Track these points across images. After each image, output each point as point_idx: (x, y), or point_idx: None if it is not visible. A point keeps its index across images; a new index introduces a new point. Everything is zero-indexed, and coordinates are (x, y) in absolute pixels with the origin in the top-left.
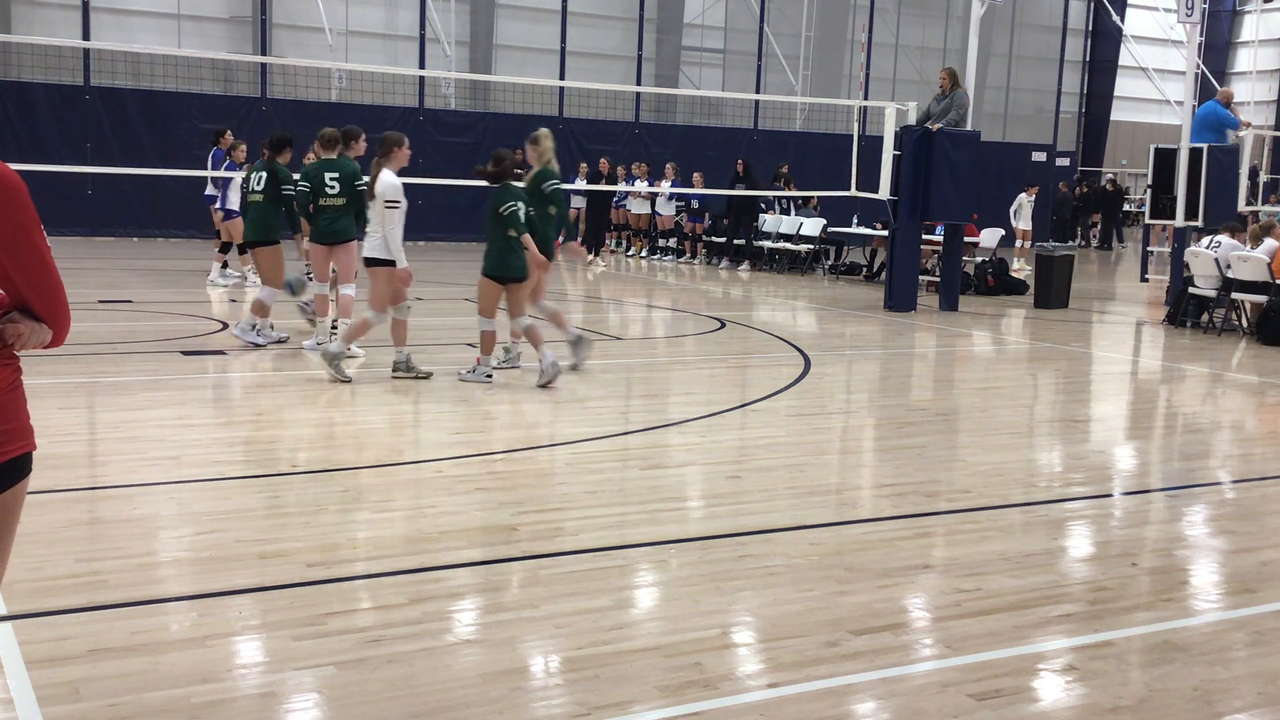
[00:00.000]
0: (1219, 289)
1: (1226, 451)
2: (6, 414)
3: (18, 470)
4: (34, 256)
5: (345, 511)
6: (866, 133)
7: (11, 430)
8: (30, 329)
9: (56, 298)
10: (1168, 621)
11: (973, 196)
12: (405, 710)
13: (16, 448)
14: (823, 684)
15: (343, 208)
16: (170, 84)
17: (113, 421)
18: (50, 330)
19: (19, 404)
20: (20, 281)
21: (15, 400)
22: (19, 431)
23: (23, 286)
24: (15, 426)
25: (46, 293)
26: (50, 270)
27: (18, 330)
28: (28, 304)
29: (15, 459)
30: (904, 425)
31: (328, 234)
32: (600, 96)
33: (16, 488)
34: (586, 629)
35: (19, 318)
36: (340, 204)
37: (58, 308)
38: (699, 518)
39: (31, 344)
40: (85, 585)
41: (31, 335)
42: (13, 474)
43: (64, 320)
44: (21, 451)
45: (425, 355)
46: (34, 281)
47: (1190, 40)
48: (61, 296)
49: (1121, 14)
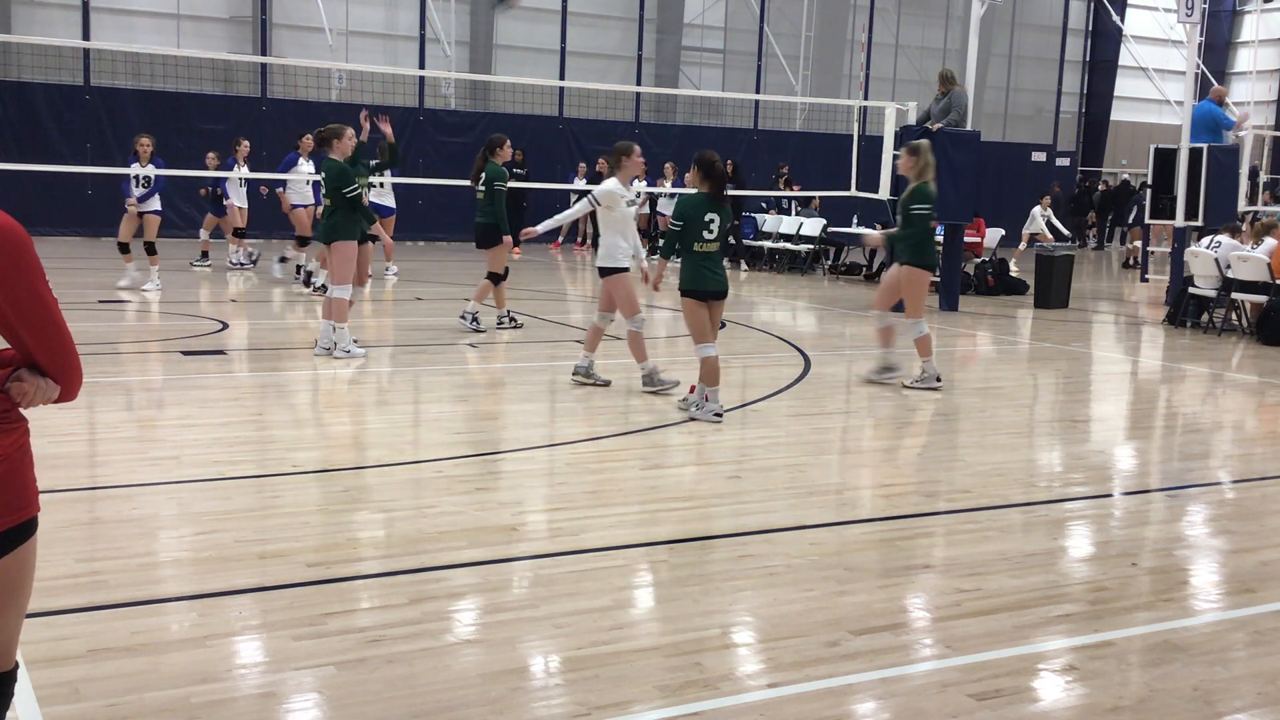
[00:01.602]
0: (1219, 289)
1: (1226, 451)
2: (10, 482)
3: (21, 534)
4: (39, 310)
5: (345, 511)
6: (866, 133)
7: (16, 499)
8: (35, 386)
9: (65, 352)
10: (1168, 621)
11: (973, 197)
12: (405, 710)
13: (23, 515)
14: (823, 684)
15: (330, 208)
16: (170, 84)
17: (113, 421)
18: (58, 386)
19: (25, 469)
20: (26, 336)
21: (21, 466)
22: (24, 499)
23: (29, 341)
24: (14, 497)
25: (54, 349)
26: (58, 324)
27: (23, 388)
28: (34, 359)
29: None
30: (904, 425)
31: (320, 233)
32: (600, 96)
33: (20, 551)
34: (586, 629)
35: (25, 375)
36: (326, 204)
37: (66, 362)
38: (699, 518)
39: (39, 401)
40: (85, 585)
41: (38, 393)
42: (16, 539)
43: (74, 375)
44: (25, 518)
45: (426, 355)
46: (40, 336)
47: (1190, 40)
48: (70, 351)
49: (1121, 14)
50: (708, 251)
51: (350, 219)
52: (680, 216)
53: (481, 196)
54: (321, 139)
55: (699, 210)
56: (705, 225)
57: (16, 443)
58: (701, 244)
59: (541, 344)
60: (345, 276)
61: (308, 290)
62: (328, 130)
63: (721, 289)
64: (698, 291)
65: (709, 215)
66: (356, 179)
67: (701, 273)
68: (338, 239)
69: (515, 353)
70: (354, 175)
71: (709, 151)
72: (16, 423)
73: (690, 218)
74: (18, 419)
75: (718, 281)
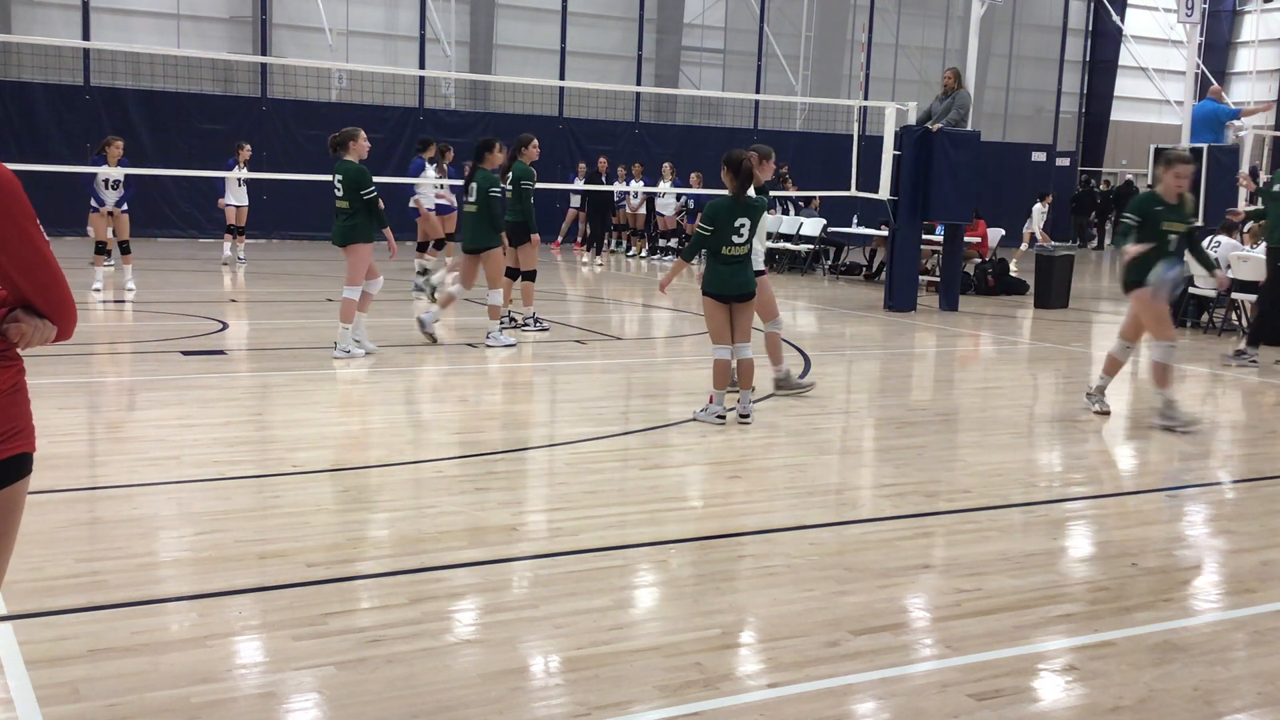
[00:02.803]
0: (1219, 289)
1: (1226, 451)
2: (7, 414)
3: (17, 469)
4: (31, 251)
5: (345, 511)
6: (866, 133)
7: (11, 430)
8: (33, 326)
9: (58, 292)
10: (1168, 621)
11: (973, 197)
12: (405, 710)
13: (14, 446)
14: (823, 684)
15: (348, 210)
16: (170, 84)
17: (113, 421)
18: (54, 326)
19: (21, 404)
20: (19, 278)
21: (17, 401)
22: (20, 432)
23: (22, 283)
24: (15, 426)
25: (47, 288)
26: (50, 264)
27: (20, 329)
28: (29, 300)
29: (14, 458)
30: (904, 425)
31: (335, 236)
32: (600, 96)
33: (15, 487)
34: (586, 629)
35: (22, 315)
36: (344, 206)
37: (60, 302)
38: (699, 518)
39: (36, 341)
40: (85, 585)
41: (35, 333)
42: (11, 473)
43: (69, 314)
44: (19, 451)
45: (426, 355)
46: (33, 277)
47: (1190, 40)
48: (64, 290)
49: (1121, 14)
50: (735, 255)
51: (368, 221)
52: (710, 221)
53: (510, 195)
54: (337, 142)
55: (729, 215)
56: (734, 230)
57: (12, 379)
58: (729, 248)
59: (541, 344)
60: (358, 278)
61: (423, 293)
62: (343, 134)
63: (742, 292)
64: (716, 294)
65: (739, 220)
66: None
67: (722, 275)
68: (355, 241)
69: (515, 352)
70: (370, 177)
71: (738, 150)
72: (13, 360)
73: (720, 224)
74: (14, 357)
75: (738, 285)
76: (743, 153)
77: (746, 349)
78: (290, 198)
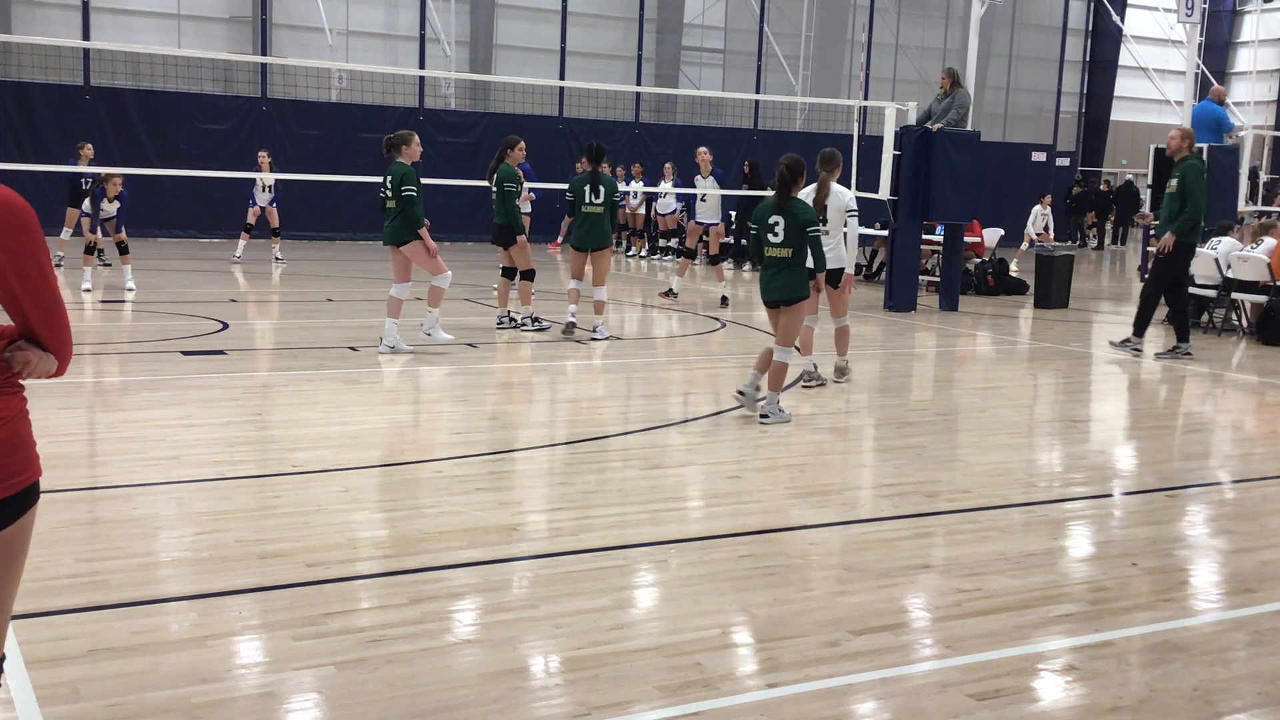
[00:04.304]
0: (1219, 289)
1: (1226, 451)
2: (13, 445)
3: (25, 501)
4: (44, 285)
5: (345, 511)
6: (866, 133)
7: (17, 461)
8: (38, 357)
9: (62, 327)
10: (1168, 621)
11: (973, 196)
12: (405, 710)
13: (24, 479)
14: (823, 684)
15: (397, 210)
16: (170, 84)
17: (113, 421)
18: (55, 360)
19: (25, 433)
20: (30, 309)
21: (22, 430)
22: (25, 462)
23: (32, 315)
24: (21, 457)
25: (54, 323)
26: (57, 299)
27: (26, 358)
28: (35, 332)
29: (23, 490)
30: (904, 425)
31: (386, 236)
32: (600, 96)
33: (23, 519)
34: (586, 629)
35: (26, 345)
36: (393, 206)
37: (62, 337)
38: (699, 518)
39: (38, 372)
40: (85, 585)
41: (39, 363)
42: (19, 505)
43: (68, 350)
44: (28, 483)
45: (426, 355)
46: (43, 310)
47: (1190, 40)
48: (66, 326)
49: (1121, 14)
50: (774, 256)
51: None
52: (754, 221)
53: (495, 198)
54: (392, 144)
55: (763, 214)
56: (770, 228)
57: (18, 407)
58: (770, 248)
59: (541, 344)
60: (437, 267)
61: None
62: (398, 136)
63: (774, 299)
64: (762, 298)
65: (772, 218)
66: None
67: (763, 279)
68: (402, 242)
69: (515, 352)
70: (415, 177)
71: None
72: (17, 389)
73: (759, 223)
74: (18, 386)
75: (769, 291)
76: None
77: (780, 352)
78: (290, 198)
